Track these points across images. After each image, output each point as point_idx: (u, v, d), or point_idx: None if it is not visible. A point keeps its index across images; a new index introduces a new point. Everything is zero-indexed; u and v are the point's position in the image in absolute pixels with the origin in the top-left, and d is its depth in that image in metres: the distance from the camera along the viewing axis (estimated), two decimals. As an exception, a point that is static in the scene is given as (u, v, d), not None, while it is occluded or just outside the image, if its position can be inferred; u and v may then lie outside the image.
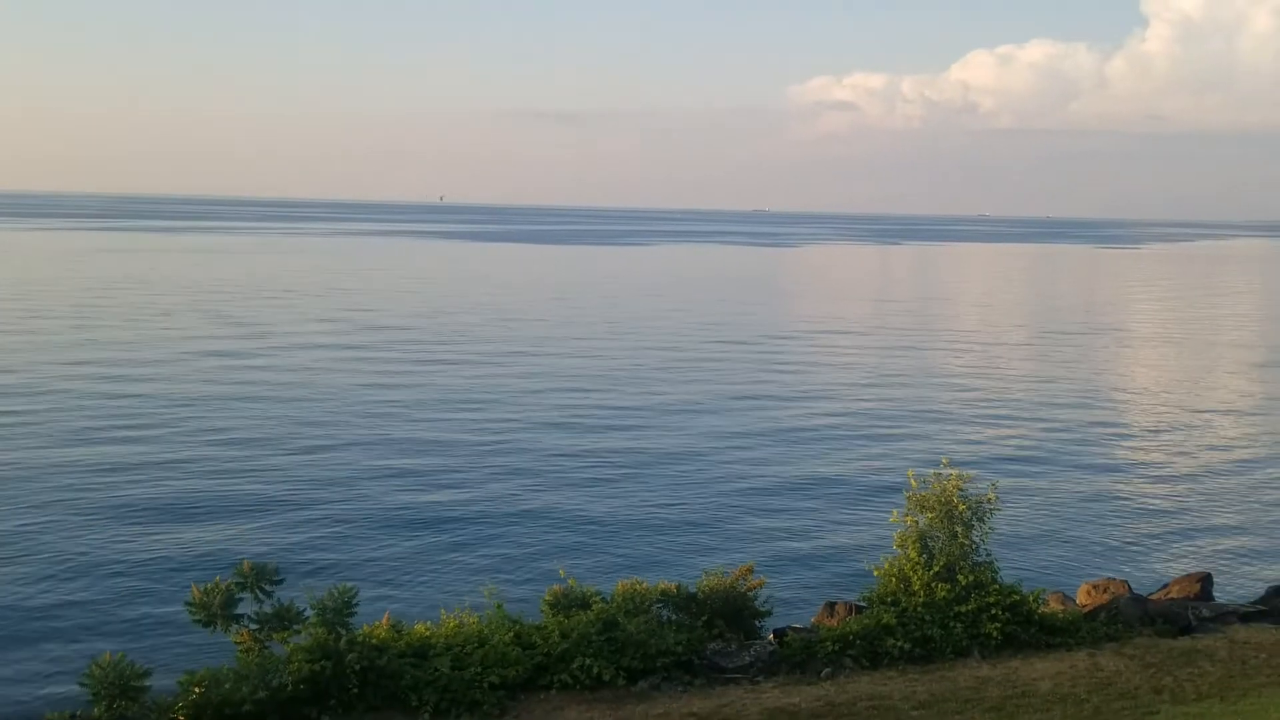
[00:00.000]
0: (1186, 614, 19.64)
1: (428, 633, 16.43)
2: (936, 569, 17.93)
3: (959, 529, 18.17)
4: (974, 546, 18.36)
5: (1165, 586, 22.71)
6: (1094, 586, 21.44)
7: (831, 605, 20.04)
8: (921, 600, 17.84)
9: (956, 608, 17.70)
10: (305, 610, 15.53)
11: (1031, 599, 18.60)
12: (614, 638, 16.41)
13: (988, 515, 18.45)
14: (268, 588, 15.68)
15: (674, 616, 18.01)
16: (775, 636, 18.19)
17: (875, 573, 18.83)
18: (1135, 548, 29.42)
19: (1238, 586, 25.08)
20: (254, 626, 15.58)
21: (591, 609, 17.11)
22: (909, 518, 18.60)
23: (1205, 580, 22.22)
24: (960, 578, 17.89)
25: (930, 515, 18.33)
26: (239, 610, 15.62)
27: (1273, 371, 64.08)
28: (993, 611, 17.72)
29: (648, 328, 77.93)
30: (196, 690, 14.31)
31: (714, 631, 17.89)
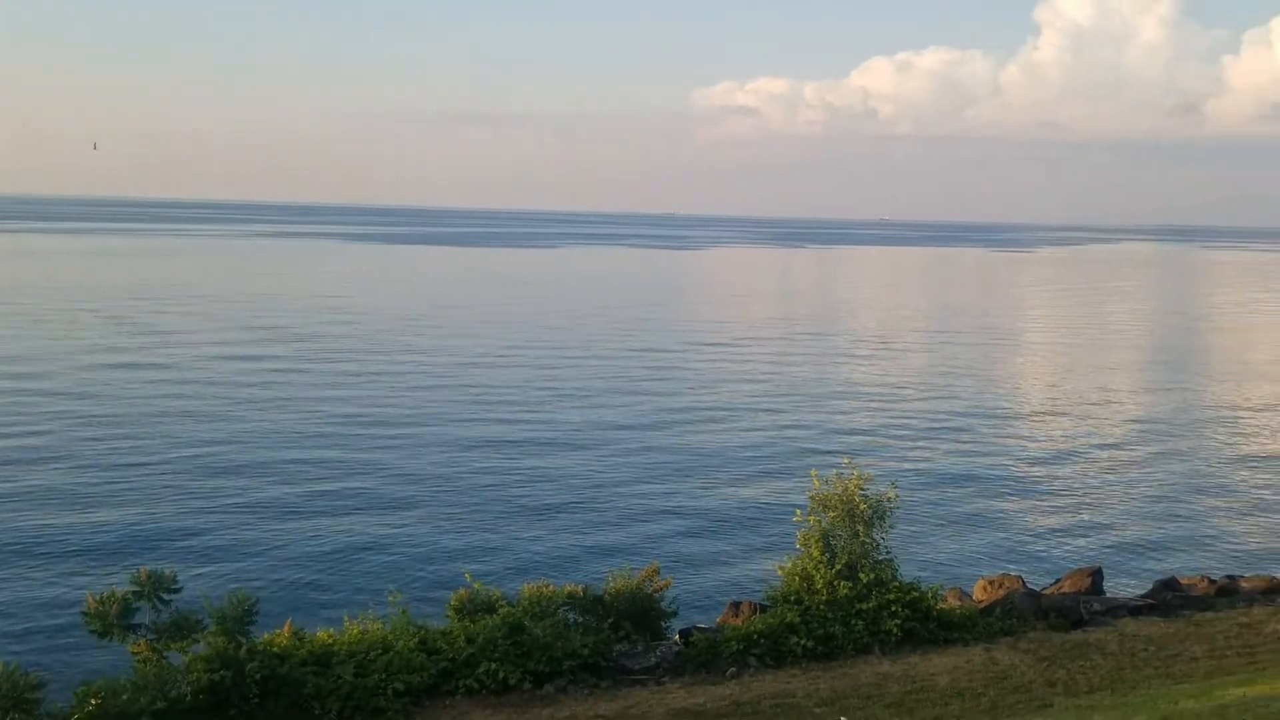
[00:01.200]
0: (1078, 608, 20.18)
1: (330, 640, 16.23)
2: (839, 567, 18.20)
3: (860, 527, 18.46)
4: (875, 545, 18.67)
5: (1058, 581, 23.31)
6: (990, 582, 21.92)
7: (736, 605, 20.21)
8: (824, 599, 18.09)
9: (858, 605, 17.99)
10: (204, 619, 15.25)
11: (930, 595, 18.96)
12: (520, 641, 16.39)
13: (888, 513, 18.77)
14: (166, 596, 15.35)
15: (581, 619, 18.01)
16: (681, 637, 18.30)
17: (779, 572, 19.05)
18: (1029, 543, 30.16)
19: (1127, 580, 25.83)
20: (152, 636, 15.25)
21: (498, 613, 17.07)
22: (812, 517, 18.85)
23: (1096, 574, 22.85)
24: (862, 575, 18.18)
25: (833, 514, 18.59)
26: (136, 620, 15.27)
27: (1159, 371, 66.11)
28: (893, 609, 18.04)
29: (555, 332, 77.86)
30: (93, 701, 13.98)
31: (620, 633, 17.94)
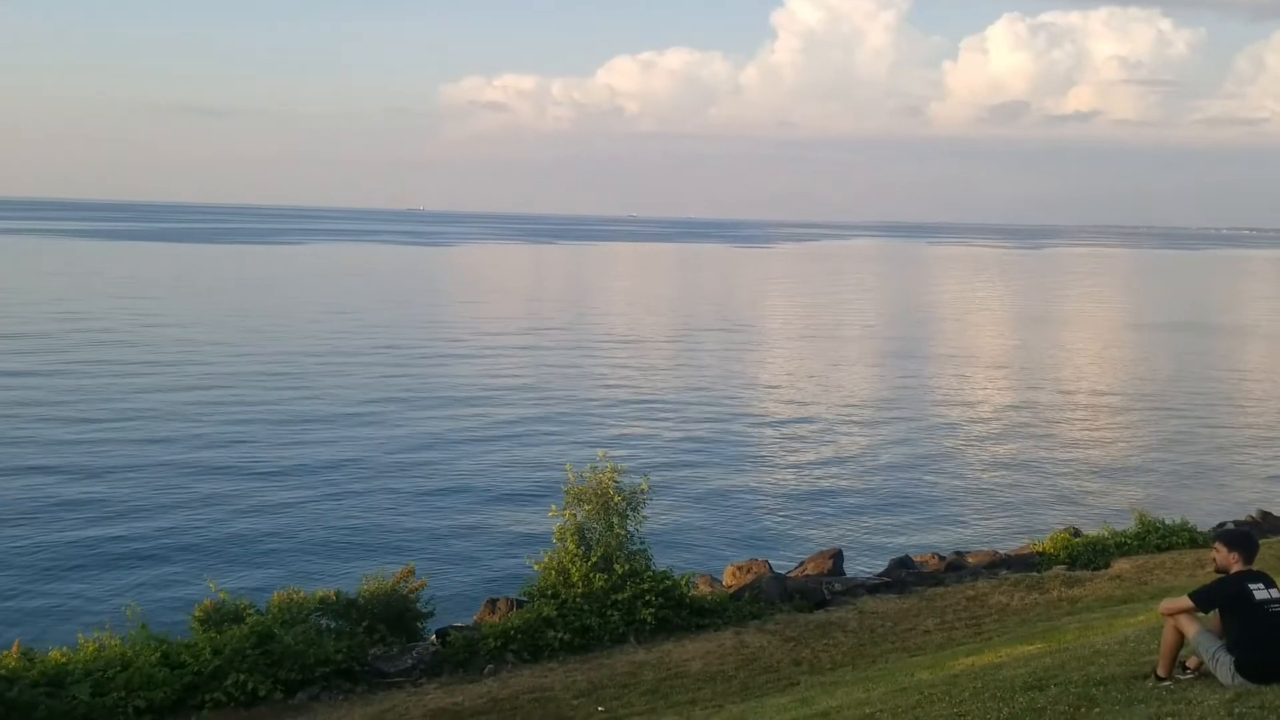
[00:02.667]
0: (821, 589, 21.09)
1: (64, 659, 15.35)
2: (594, 560, 18.44)
3: (615, 520, 18.76)
4: (629, 536, 19.00)
5: (801, 564, 24.30)
6: (738, 568, 22.66)
7: (493, 602, 20.22)
8: (580, 591, 18.29)
9: (613, 596, 18.27)
10: (-81, 644, 14.18)
11: (683, 583, 19.44)
12: (270, 650, 15.91)
13: (641, 505, 19.13)
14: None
15: (334, 624, 17.65)
16: (438, 637, 18.16)
17: (535, 567, 19.15)
18: (774, 529, 31.30)
19: (865, 560, 27.11)
20: None
21: (246, 622, 16.50)
22: (567, 511, 19.03)
23: (837, 556, 23.95)
24: (617, 567, 18.48)
25: (588, 508, 18.82)
26: None
27: (889, 360, 69.59)
28: (647, 598, 18.40)
29: (300, 330, 75.67)
30: None
31: (375, 637, 17.67)
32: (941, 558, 24.37)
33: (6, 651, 15.30)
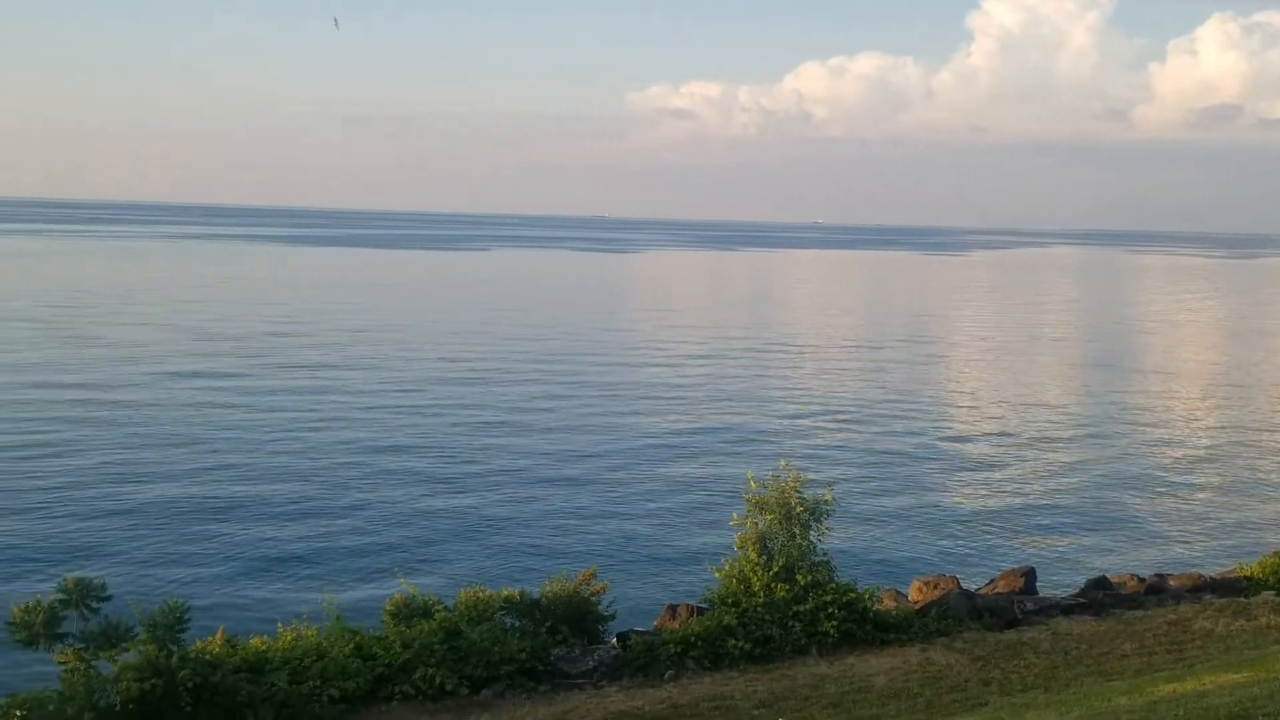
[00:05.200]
0: (1012, 607, 20.41)
1: (264, 647, 15.99)
2: (776, 569, 18.25)
3: (797, 530, 18.53)
4: (811, 546, 18.74)
5: (992, 581, 23.55)
6: (925, 583, 22.10)
7: (674, 608, 20.21)
8: (761, 601, 18.13)
9: (795, 607, 18.05)
10: (134, 627, 14.91)
11: (866, 596, 19.06)
12: (457, 646, 16.26)
13: (824, 516, 18.85)
14: (94, 604, 14.97)
15: (518, 623, 17.93)
16: (619, 640, 18.25)
17: (716, 574, 19.07)
18: (964, 544, 30.48)
19: (1059, 580, 26.15)
20: (80, 645, 14.87)
21: (434, 618, 16.91)
22: (749, 520, 18.89)
23: (1029, 574, 23.13)
24: (799, 577, 18.24)
25: (769, 517, 18.65)
26: (63, 629, 14.88)
27: (1090, 374, 67.15)
28: (830, 610, 18.11)
29: (488, 335, 77.51)
30: (17, 714, 13.63)
31: (558, 637, 17.87)
32: (1141, 579, 23.32)
33: (211, 638, 16.02)
